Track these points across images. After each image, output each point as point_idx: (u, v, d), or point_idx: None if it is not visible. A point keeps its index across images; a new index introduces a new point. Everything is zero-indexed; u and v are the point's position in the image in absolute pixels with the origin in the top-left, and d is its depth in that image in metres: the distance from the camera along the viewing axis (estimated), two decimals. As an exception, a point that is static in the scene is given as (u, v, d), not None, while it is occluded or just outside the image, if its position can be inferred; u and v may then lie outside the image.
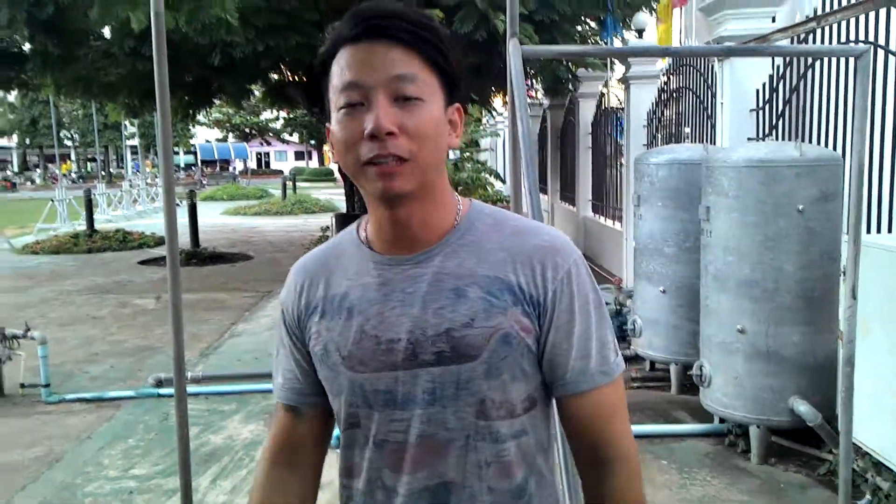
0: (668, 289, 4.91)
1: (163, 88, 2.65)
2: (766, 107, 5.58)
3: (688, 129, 7.04)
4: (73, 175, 43.27)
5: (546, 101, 13.51)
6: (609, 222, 10.01)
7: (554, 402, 1.14)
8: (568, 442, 1.17)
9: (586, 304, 1.07)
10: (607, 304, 3.59)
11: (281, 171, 45.70)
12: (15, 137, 50.37)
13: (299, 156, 59.91)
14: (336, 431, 1.17)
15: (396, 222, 1.06)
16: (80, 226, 15.71)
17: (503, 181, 17.53)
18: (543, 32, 7.53)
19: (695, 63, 6.81)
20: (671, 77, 7.79)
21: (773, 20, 5.44)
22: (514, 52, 2.49)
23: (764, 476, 3.76)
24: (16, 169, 52.75)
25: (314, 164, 56.06)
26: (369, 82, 0.98)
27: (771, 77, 5.55)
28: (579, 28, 9.16)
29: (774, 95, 5.48)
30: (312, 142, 50.44)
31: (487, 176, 17.16)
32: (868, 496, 3.43)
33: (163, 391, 5.17)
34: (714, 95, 6.26)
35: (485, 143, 27.40)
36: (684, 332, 4.82)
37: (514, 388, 1.06)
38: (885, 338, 3.30)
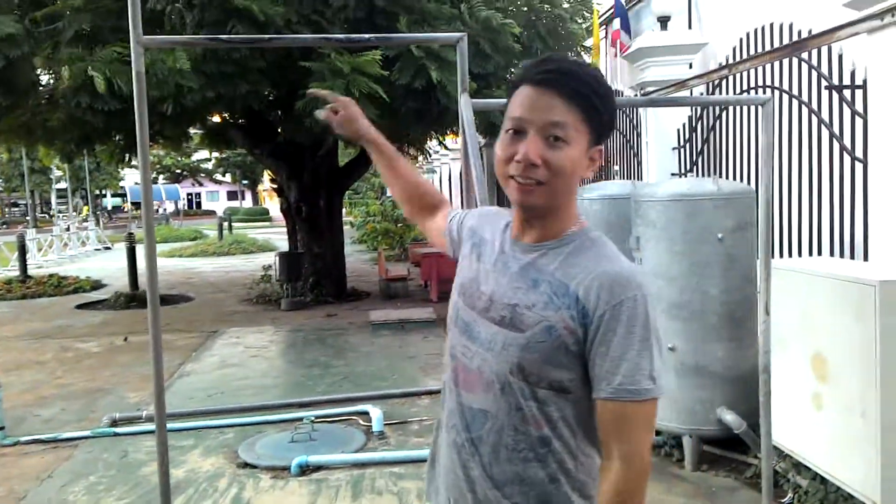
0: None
1: (144, 145, 2.87)
2: (687, 145, 6.07)
3: (617, 167, 7.52)
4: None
5: (483, 140, 13.96)
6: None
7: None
8: None
9: (631, 334, 1.27)
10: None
11: (214, 212, 45.11)
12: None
13: (232, 195, 59.29)
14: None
15: (524, 222, 1.42)
16: (11, 271, 15.36)
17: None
18: (480, 80, 7.98)
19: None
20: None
21: (690, 66, 5.97)
22: (465, 105, 2.81)
23: (697, 481, 4.10)
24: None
25: (248, 203, 55.56)
26: (531, 120, 1.31)
27: (690, 118, 6.05)
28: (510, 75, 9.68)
29: (693, 135, 5.98)
30: (245, 181, 50.03)
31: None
32: (790, 494, 3.80)
33: (119, 430, 5.24)
34: (640, 135, 6.75)
35: (421, 180, 27.74)
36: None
37: (546, 369, 1.33)
38: (798, 349, 3.69)
